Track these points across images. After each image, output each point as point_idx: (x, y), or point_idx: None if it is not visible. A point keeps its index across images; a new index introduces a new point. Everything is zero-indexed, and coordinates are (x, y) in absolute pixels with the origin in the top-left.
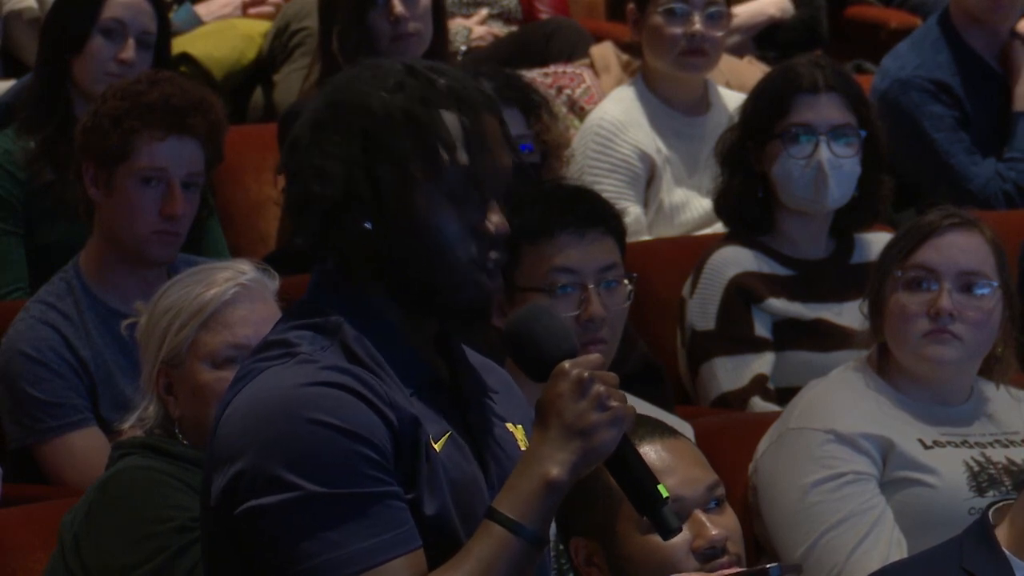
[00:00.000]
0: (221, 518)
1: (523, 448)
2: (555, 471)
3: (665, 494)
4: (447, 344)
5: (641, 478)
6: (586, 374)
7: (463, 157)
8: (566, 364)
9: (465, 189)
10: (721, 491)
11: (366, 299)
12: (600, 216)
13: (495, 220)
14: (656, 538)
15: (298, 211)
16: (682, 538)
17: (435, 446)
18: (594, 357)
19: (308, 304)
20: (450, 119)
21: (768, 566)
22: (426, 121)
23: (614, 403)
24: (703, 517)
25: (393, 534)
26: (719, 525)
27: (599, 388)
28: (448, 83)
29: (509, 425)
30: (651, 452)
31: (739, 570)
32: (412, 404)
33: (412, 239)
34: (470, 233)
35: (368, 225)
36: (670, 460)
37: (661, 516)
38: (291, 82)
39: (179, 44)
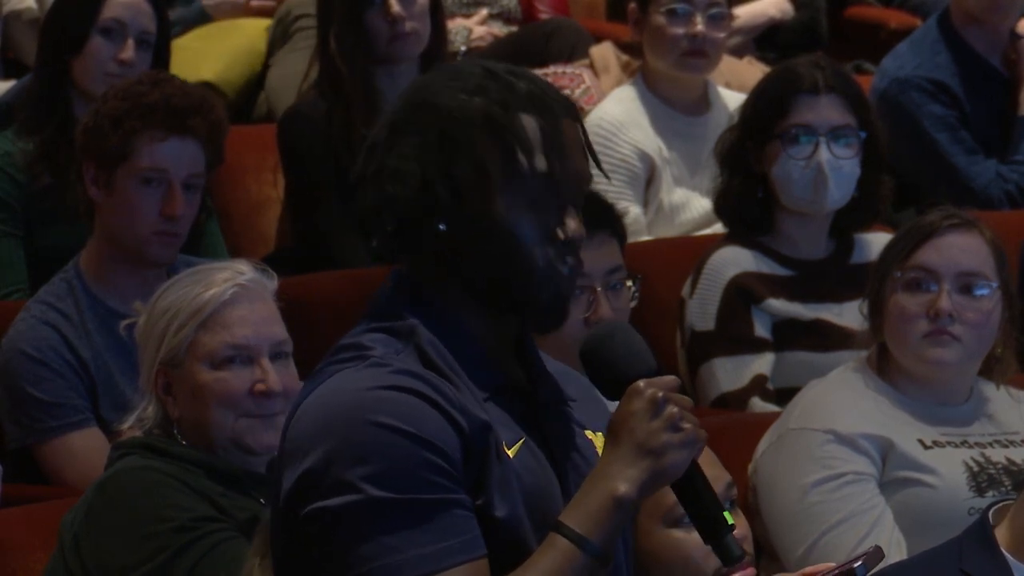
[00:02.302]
0: (289, 519)
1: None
2: (623, 488)
3: (731, 521)
4: (524, 350)
5: (708, 504)
6: (660, 394)
7: (541, 163)
8: (641, 383)
9: (542, 194)
10: (735, 491)
11: (442, 302)
12: (606, 218)
13: (572, 226)
14: (678, 533)
15: (374, 214)
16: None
17: (508, 452)
18: (669, 379)
19: (383, 307)
20: (529, 123)
21: (855, 566)
22: (505, 124)
23: (687, 425)
24: None
25: (456, 541)
26: (737, 527)
27: (673, 409)
28: (528, 87)
29: (589, 433)
30: None
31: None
32: (485, 410)
33: (487, 242)
34: (546, 238)
35: (442, 227)
36: None
37: (725, 543)
38: (286, 64)
39: (189, 60)
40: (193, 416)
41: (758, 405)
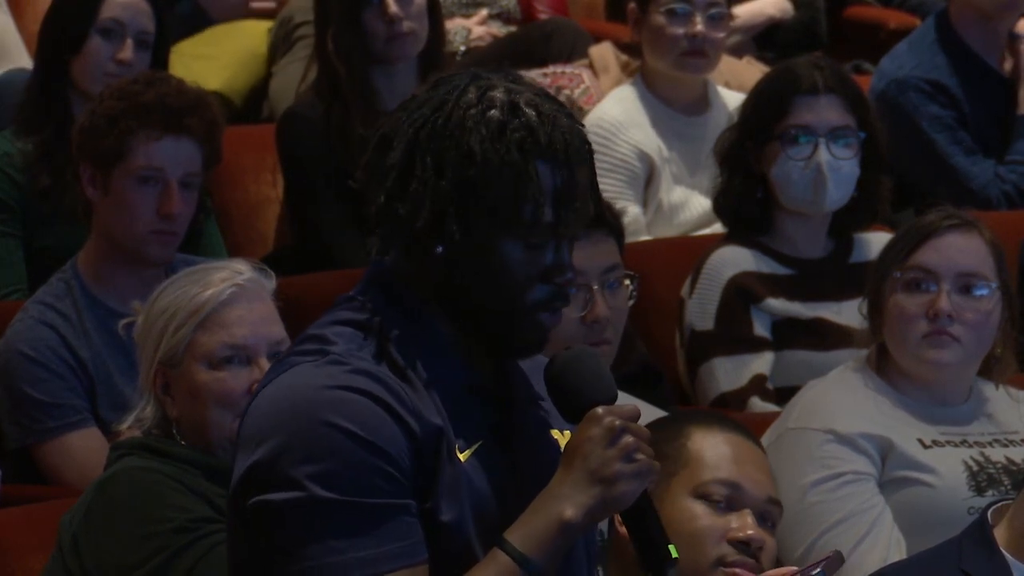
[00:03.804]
0: (236, 507)
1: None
2: (570, 512)
3: (675, 554)
4: (495, 352)
5: (654, 534)
6: (617, 423)
7: (549, 214)
8: (600, 410)
9: (542, 239)
10: (777, 512)
11: (417, 302)
12: (603, 217)
13: (563, 266)
14: (699, 508)
15: (376, 221)
16: (722, 522)
17: (461, 456)
18: (629, 408)
19: (357, 299)
20: (544, 173)
21: (813, 573)
22: (521, 174)
23: (641, 456)
24: (751, 519)
25: (397, 545)
26: (763, 535)
27: (628, 439)
28: (547, 136)
29: (555, 432)
30: (733, 441)
31: (794, 570)
32: (441, 413)
33: (480, 273)
34: (538, 278)
35: (440, 250)
36: (742, 456)
37: (665, 575)
38: (289, 73)
39: (199, 74)
40: (191, 416)
41: (757, 405)
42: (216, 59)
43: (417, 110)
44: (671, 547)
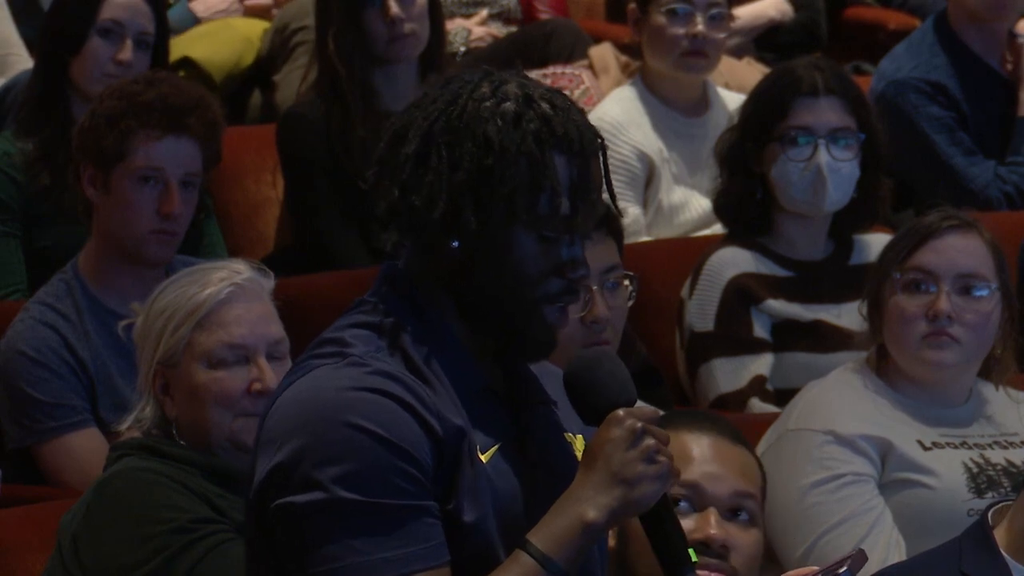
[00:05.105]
0: (257, 511)
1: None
2: (592, 514)
3: (695, 559)
4: (506, 353)
5: (673, 537)
6: (639, 425)
7: (566, 206)
8: (621, 412)
9: (557, 232)
10: (749, 506)
11: (430, 304)
12: (603, 218)
13: (578, 262)
14: None
15: (389, 215)
16: (684, 525)
17: (482, 457)
18: (649, 410)
19: (371, 302)
20: (561, 165)
21: (840, 571)
22: (541, 167)
23: (662, 459)
24: (714, 518)
25: (419, 548)
26: (730, 533)
27: (650, 441)
28: (563, 126)
29: (568, 435)
30: (694, 440)
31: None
32: (461, 414)
33: (495, 267)
34: (552, 272)
35: (456, 244)
36: (703, 454)
37: None
38: (292, 82)
39: (177, 46)
40: (190, 416)
41: (757, 406)
42: (198, 38)
43: (431, 104)
44: (691, 551)
